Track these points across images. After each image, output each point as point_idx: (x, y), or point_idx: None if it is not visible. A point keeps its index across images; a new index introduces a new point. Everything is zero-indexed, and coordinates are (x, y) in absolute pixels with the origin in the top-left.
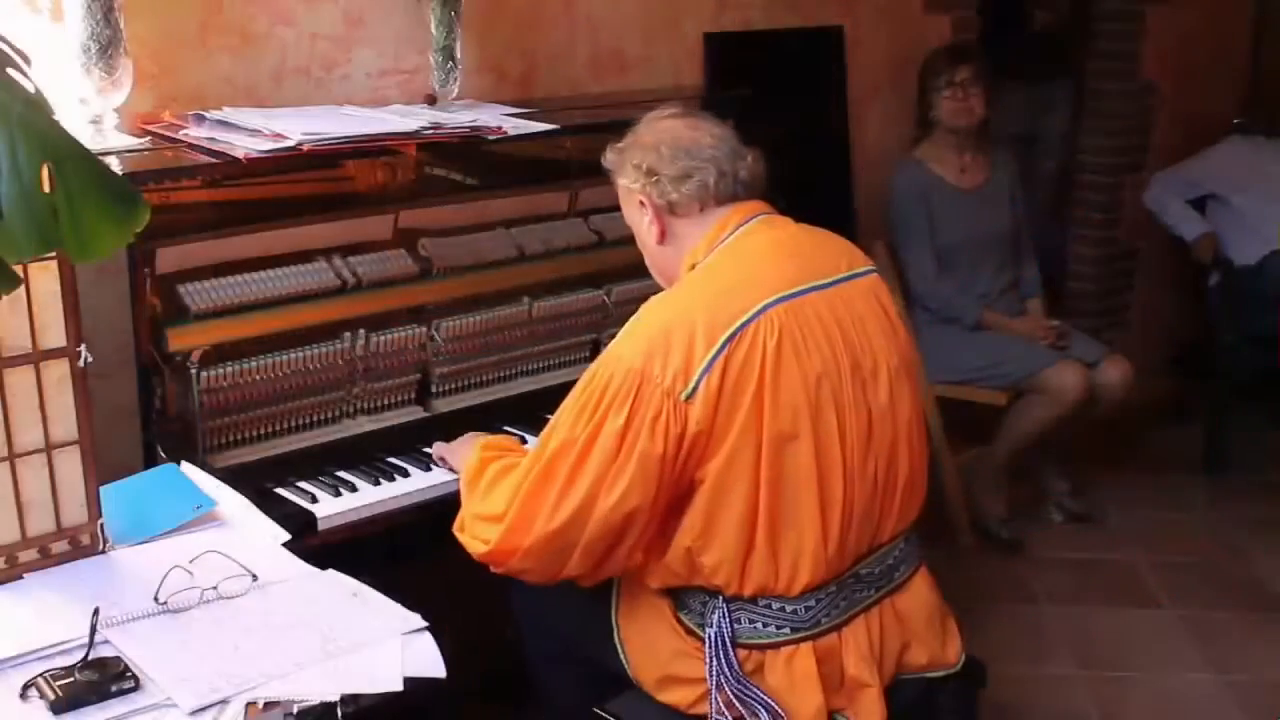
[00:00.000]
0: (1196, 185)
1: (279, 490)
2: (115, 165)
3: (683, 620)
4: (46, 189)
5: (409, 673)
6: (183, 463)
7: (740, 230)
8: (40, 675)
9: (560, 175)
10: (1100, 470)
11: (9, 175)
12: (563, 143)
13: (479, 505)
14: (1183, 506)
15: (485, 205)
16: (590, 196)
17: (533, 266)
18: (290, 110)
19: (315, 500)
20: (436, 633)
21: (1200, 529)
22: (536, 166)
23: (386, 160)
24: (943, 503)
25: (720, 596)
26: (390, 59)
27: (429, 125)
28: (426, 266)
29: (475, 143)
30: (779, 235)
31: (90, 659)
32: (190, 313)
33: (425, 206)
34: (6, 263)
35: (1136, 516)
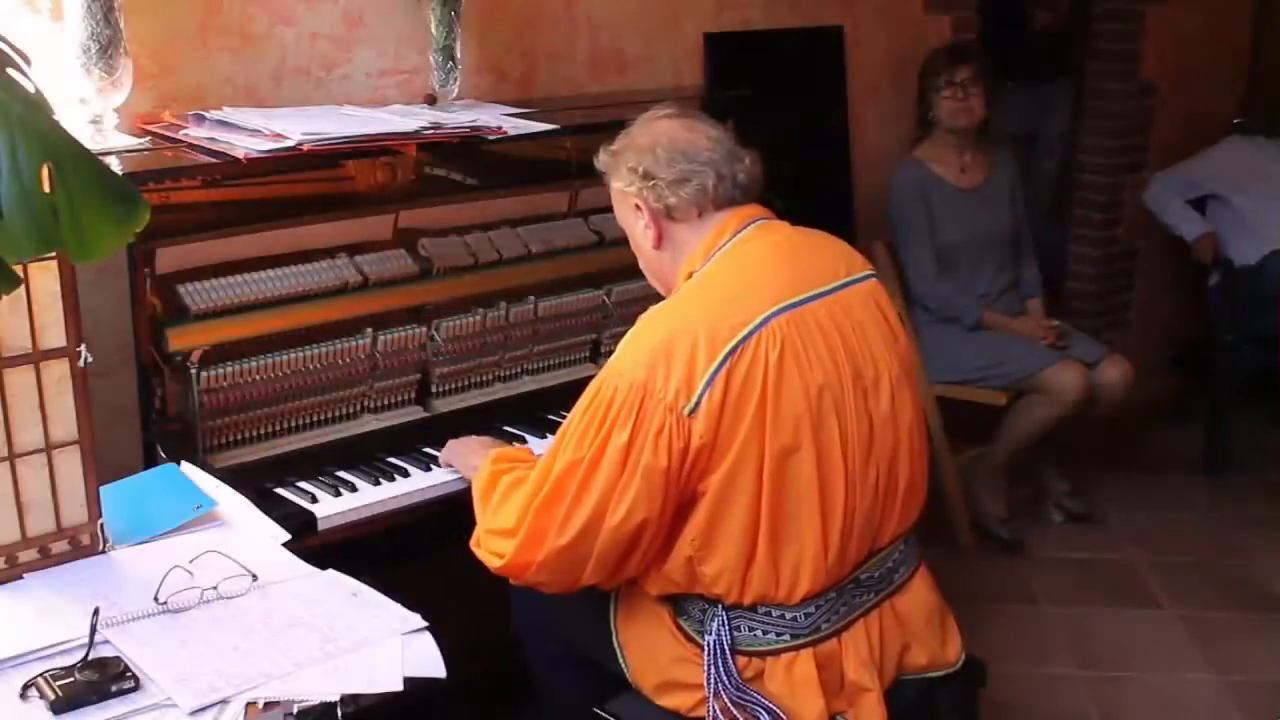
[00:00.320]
0: (1196, 185)
1: (279, 490)
2: (115, 165)
3: (682, 626)
4: (46, 189)
5: (409, 673)
6: (183, 463)
7: (738, 236)
8: (40, 675)
9: (560, 175)
10: (1100, 470)
11: (9, 175)
12: (563, 143)
13: (491, 520)
14: (1183, 506)
15: (485, 205)
16: (590, 196)
17: (533, 266)
18: (290, 110)
19: (315, 500)
20: (436, 633)
21: (1200, 529)
22: (536, 166)
23: (386, 160)
24: (943, 503)
25: (720, 605)
26: (390, 59)
27: (429, 125)
28: (426, 266)
29: (475, 143)
30: (776, 241)
31: (90, 659)
32: (190, 313)
33: (425, 206)
34: (6, 263)
35: (1136, 516)
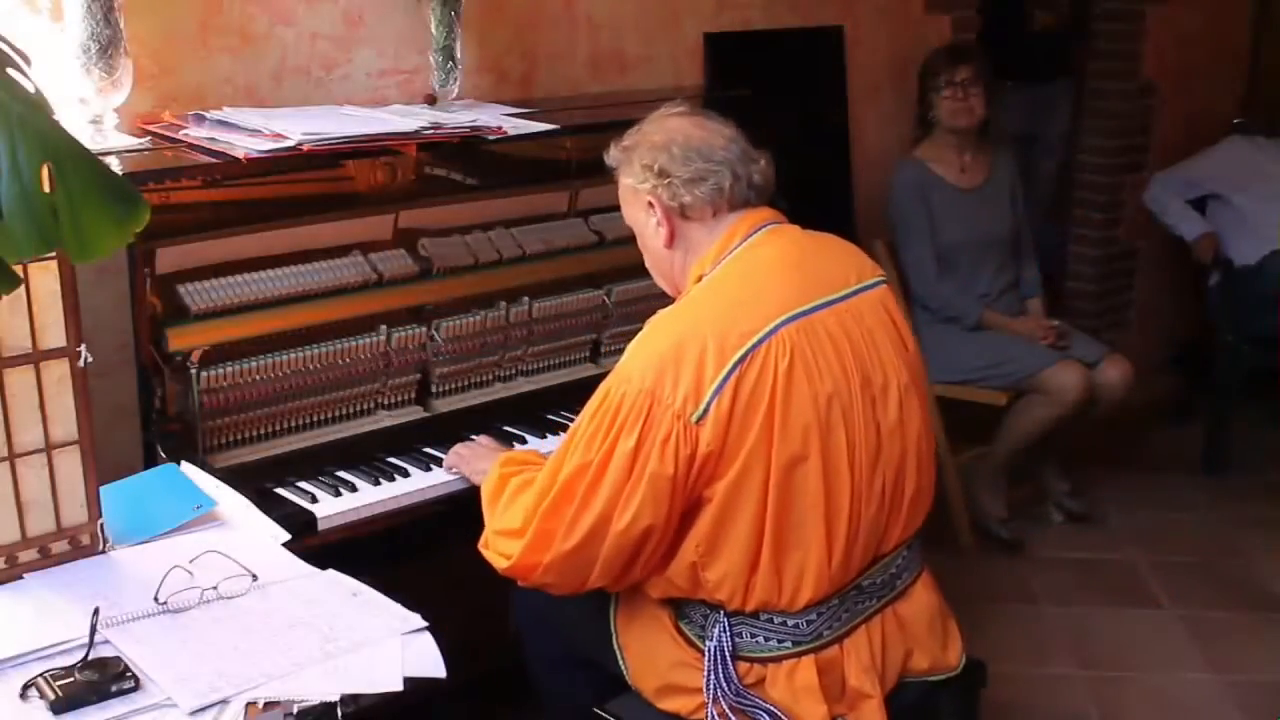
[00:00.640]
0: (1196, 185)
1: (279, 490)
2: (115, 165)
3: (683, 630)
4: (46, 189)
5: (409, 673)
6: (183, 463)
7: (748, 241)
8: (40, 675)
9: (560, 175)
10: (1100, 470)
11: (9, 175)
12: (563, 143)
13: (499, 521)
14: (1183, 506)
15: (485, 205)
16: (590, 196)
17: (533, 266)
18: (290, 110)
19: (315, 500)
20: (436, 633)
21: (1200, 529)
22: (536, 166)
23: (386, 160)
24: (943, 503)
25: (722, 610)
26: (390, 59)
27: (429, 125)
28: (426, 266)
29: (475, 143)
30: (787, 246)
31: (90, 659)
32: (190, 313)
33: (425, 206)
34: (6, 263)
35: (1136, 516)
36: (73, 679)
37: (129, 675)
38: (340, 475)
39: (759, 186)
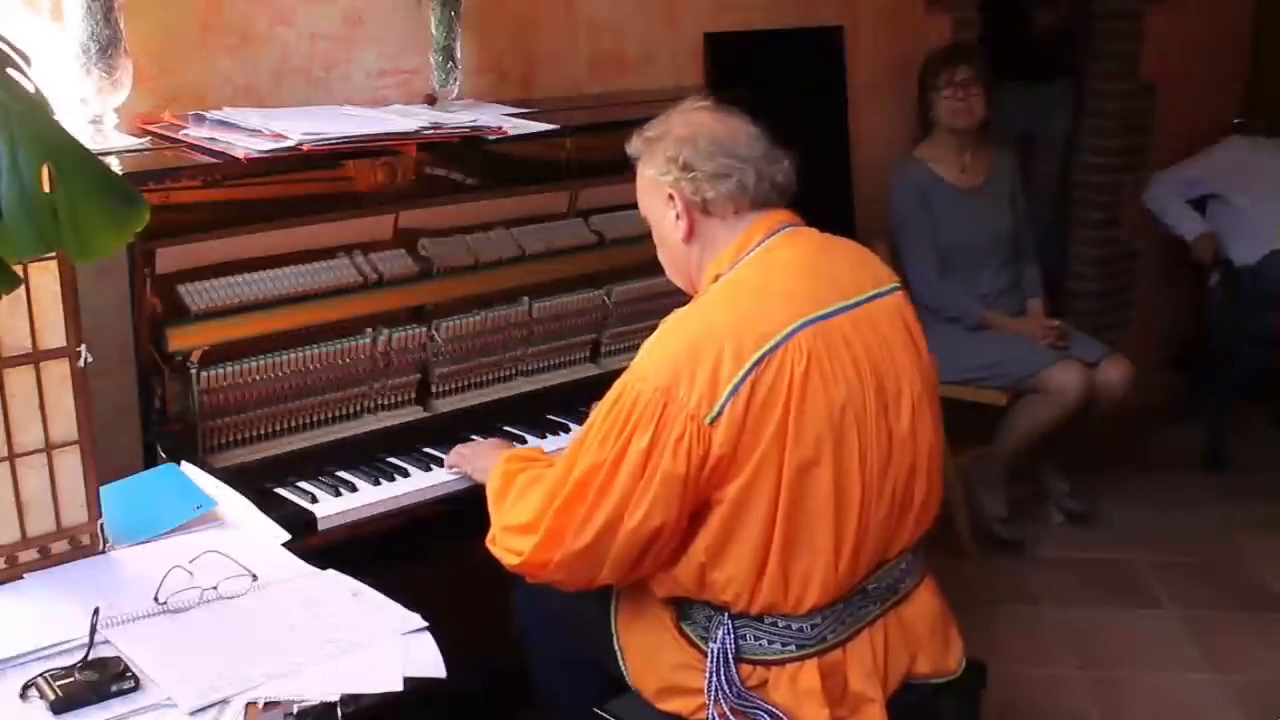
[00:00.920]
0: (1196, 185)
1: (279, 490)
2: (115, 165)
3: (686, 631)
4: (46, 189)
5: (409, 673)
6: (183, 463)
7: (767, 241)
8: (40, 675)
9: (560, 175)
10: (1100, 470)
11: (9, 175)
12: (563, 143)
13: (508, 517)
14: (1183, 506)
15: (485, 205)
16: (590, 196)
17: (533, 266)
18: (290, 110)
19: (315, 500)
20: (436, 633)
21: (1200, 529)
22: (536, 166)
23: (386, 160)
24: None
25: (726, 612)
26: (390, 59)
27: (429, 125)
28: (426, 266)
29: (475, 143)
30: (805, 249)
31: (90, 659)
32: (190, 313)
33: (425, 206)
34: (6, 263)
35: (1136, 516)
36: (73, 679)
37: (129, 675)
38: (340, 475)
39: (781, 187)
